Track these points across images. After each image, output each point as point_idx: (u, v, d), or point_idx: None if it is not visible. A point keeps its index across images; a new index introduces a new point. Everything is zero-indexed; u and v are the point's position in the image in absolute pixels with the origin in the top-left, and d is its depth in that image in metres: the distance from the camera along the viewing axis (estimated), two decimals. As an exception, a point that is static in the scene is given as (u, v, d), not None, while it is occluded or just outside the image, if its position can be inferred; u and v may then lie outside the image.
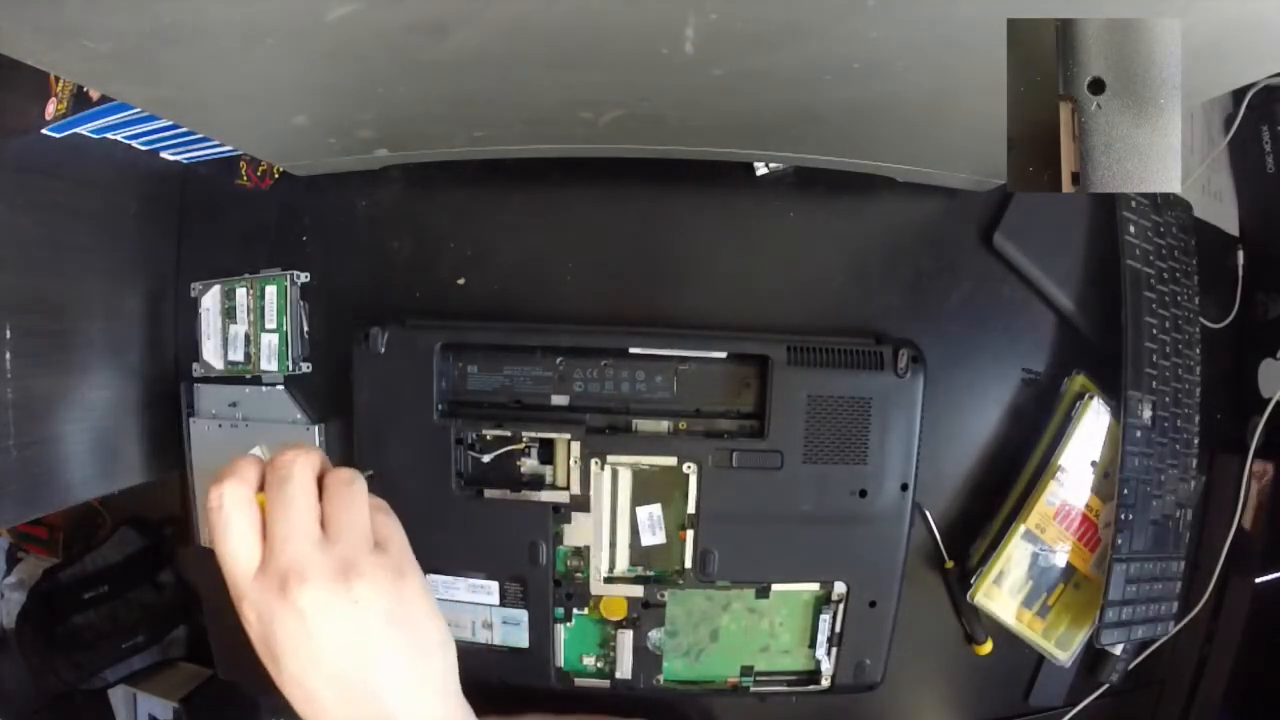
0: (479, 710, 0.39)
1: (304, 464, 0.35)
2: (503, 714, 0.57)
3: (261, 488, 0.35)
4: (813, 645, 0.57)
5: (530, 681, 0.58)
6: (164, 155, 0.65)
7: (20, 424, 0.53)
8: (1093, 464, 0.59)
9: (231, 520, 0.34)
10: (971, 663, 0.62)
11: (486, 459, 0.56)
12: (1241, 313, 0.66)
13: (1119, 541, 0.56)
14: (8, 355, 0.52)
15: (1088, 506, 0.59)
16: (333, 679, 0.34)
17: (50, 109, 0.68)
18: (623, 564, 0.57)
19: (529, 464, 0.57)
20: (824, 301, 0.61)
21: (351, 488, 0.36)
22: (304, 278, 0.62)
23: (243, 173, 0.64)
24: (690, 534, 0.55)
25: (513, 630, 0.57)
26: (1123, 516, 0.56)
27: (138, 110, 0.61)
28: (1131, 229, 0.59)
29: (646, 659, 0.57)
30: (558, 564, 0.56)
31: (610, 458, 0.55)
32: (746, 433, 0.55)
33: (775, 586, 0.56)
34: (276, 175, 0.63)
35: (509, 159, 0.59)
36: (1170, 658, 0.66)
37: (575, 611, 0.57)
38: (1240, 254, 0.67)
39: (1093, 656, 0.62)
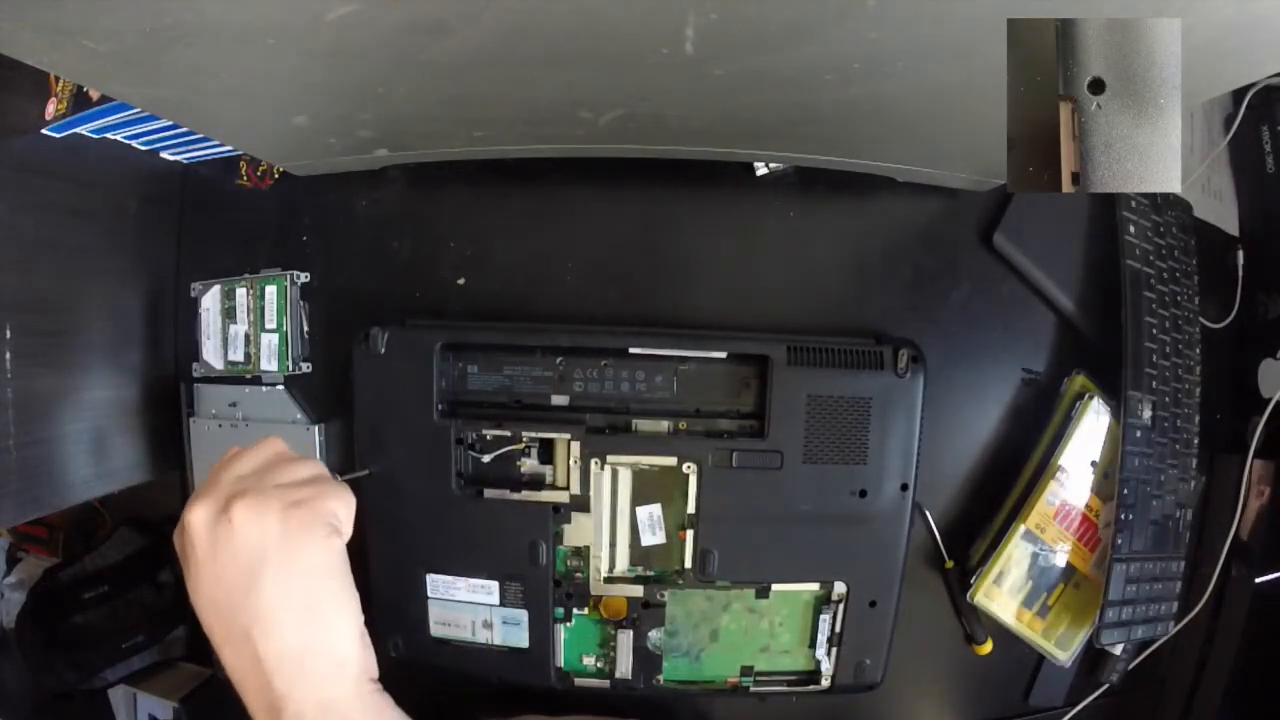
0: (474, 715, 0.39)
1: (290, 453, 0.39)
2: (499, 715, 0.57)
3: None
4: (813, 645, 0.57)
5: (530, 681, 0.58)
6: (164, 155, 0.65)
7: (20, 424, 0.53)
8: (1093, 464, 0.59)
9: (261, 449, 0.37)
10: (971, 663, 0.62)
11: (486, 459, 0.56)
12: (1241, 313, 0.66)
13: (1119, 541, 0.56)
14: (8, 355, 0.52)
15: (1088, 506, 0.59)
16: (210, 605, 0.33)
17: (50, 109, 0.68)
18: (623, 564, 0.57)
19: (529, 464, 0.57)
20: (824, 301, 0.61)
21: (313, 466, 0.38)
22: (304, 278, 0.62)
23: (243, 173, 0.64)
24: (690, 534, 0.55)
25: (513, 630, 0.57)
26: (1123, 516, 0.56)
27: (138, 110, 0.61)
28: (1131, 229, 0.59)
29: (646, 659, 0.57)
30: (558, 564, 0.56)
31: (610, 458, 0.55)
32: (746, 433, 0.55)
33: (775, 586, 0.56)
34: (276, 175, 0.63)
35: (509, 159, 0.59)
36: (1170, 658, 0.66)
37: (575, 611, 0.57)
38: (1240, 254, 0.67)
39: (1093, 656, 0.62)
